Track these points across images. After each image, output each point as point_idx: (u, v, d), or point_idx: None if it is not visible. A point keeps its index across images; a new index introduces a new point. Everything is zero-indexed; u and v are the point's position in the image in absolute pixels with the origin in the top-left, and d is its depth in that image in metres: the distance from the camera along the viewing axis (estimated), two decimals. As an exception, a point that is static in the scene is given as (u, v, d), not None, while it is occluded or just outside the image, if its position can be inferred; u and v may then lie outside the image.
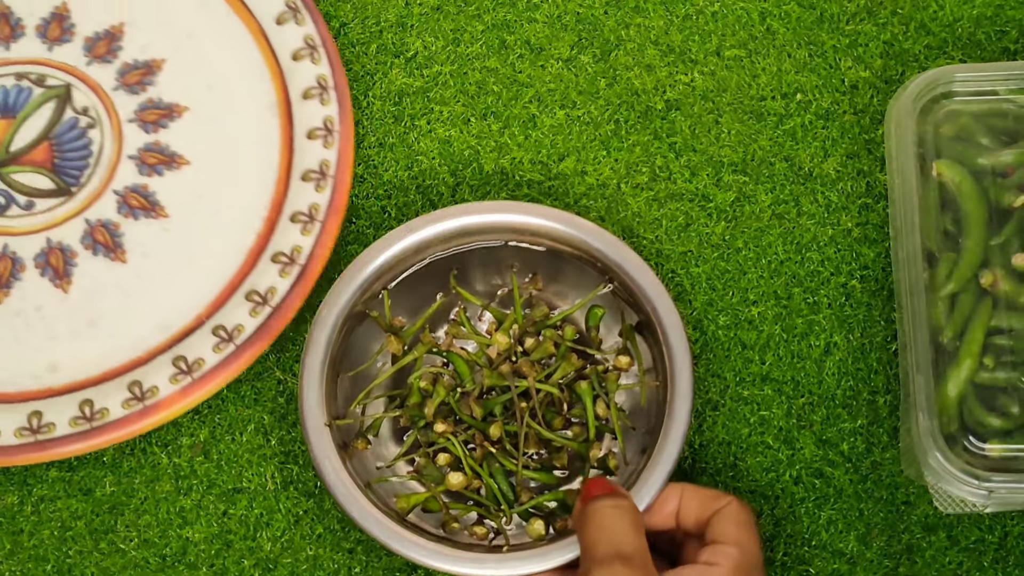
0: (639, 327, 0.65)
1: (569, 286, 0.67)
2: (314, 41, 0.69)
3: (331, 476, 0.61)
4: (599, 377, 0.64)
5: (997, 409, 0.62)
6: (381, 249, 0.64)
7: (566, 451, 0.64)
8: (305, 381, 0.62)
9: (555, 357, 0.65)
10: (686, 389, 0.61)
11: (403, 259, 0.64)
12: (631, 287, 0.63)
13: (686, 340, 0.62)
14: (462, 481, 0.63)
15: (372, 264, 0.63)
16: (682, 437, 0.60)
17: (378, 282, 0.64)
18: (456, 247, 0.65)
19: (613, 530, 0.56)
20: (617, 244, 0.63)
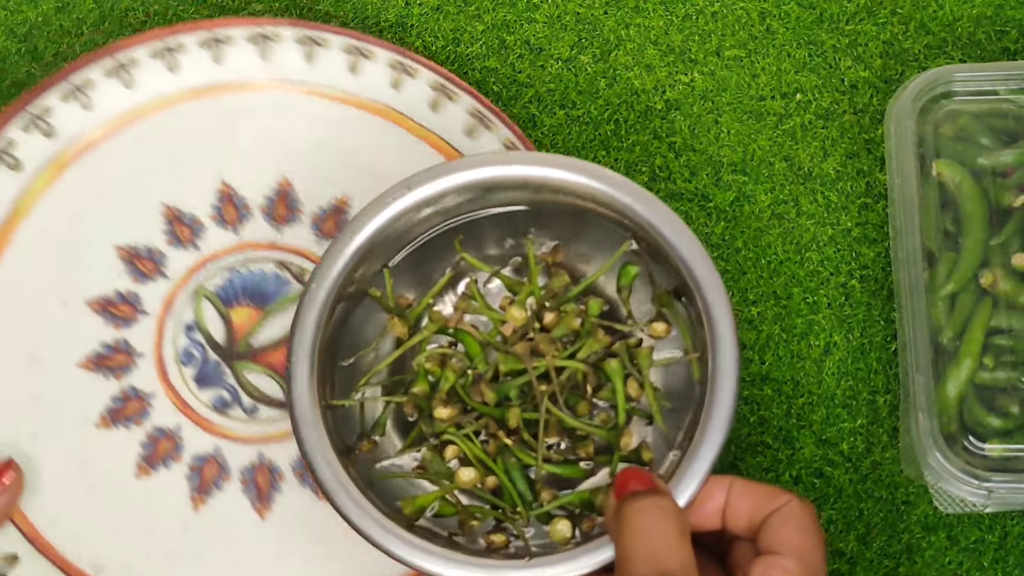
0: (676, 293, 0.58)
1: (592, 247, 0.60)
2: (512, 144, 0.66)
3: (326, 473, 0.54)
4: (629, 353, 0.57)
5: (997, 409, 0.62)
6: (375, 210, 0.56)
7: (592, 440, 0.57)
8: (294, 368, 0.55)
9: (579, 334, 0.58)
10: (730, 362, 0.53)
11: (403, 225, 0.57)
12: (665, 248, 0.55)
13: (729, 307, 0.54)
14: (474, 477, 0.56)
15: (365, 230, 0.56)
16: (728, 420, 0.52)
17: (374, 253, 0.57)
18: (467, 214, 0.58)
19: (654, 539, 0.48)
20: (650, 199, 0.55)
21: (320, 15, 0.72)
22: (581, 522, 0.56)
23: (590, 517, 0.56)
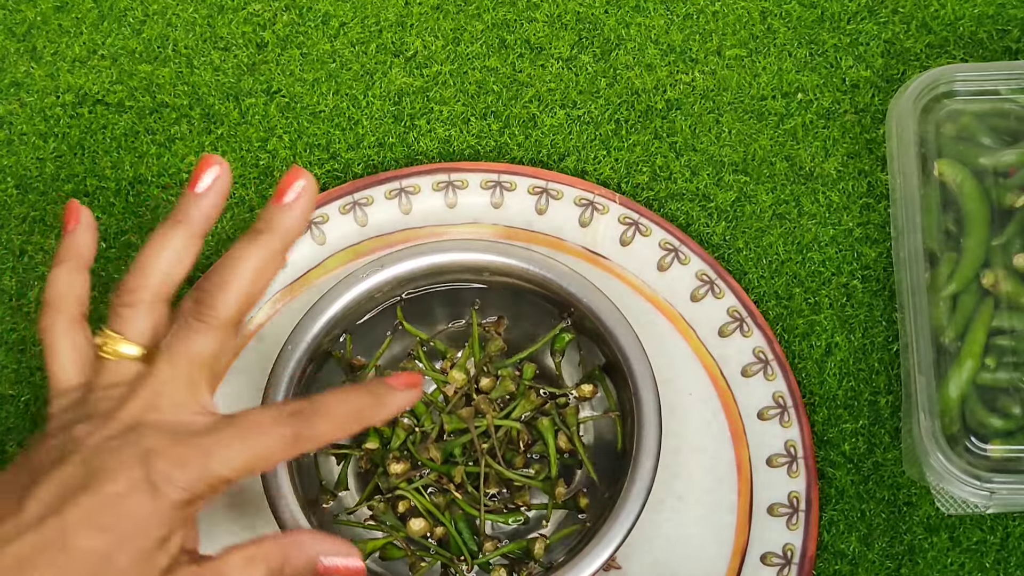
0: (607, 368, 0.63)
1: (531, 322, 0.65)
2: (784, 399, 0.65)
3: (288, 520, 0.58)
4: (559, 412, 0.63)
5: (999, 410, 0.61)
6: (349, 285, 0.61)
7: (528, 490, 0.63)
8: None
9: (514, 395, 0.63)
10: (652, 441, 0.58)
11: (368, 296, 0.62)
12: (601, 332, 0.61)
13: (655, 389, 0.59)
14: (423, 527, 0.61)
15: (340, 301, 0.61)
16: (645, 492, 0.58)
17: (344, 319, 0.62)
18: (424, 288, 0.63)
19: None
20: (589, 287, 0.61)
21: (321, 14, 0.72)
22: (520, 569, 0.61)
23: (527, 564, 0.61)
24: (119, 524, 0.46)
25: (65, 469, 0.47)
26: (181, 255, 0.51)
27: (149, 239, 0.52)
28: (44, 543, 0.46)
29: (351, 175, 0.70)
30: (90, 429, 0.48)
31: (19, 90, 0.72)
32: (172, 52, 0.72)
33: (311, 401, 0.50)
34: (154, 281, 0.51)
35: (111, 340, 0.51)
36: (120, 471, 0.47)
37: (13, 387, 0.68)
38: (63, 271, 0.53)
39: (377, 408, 0.51)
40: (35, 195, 0.71)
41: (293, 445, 0.49)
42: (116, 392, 0.50)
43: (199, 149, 0.71)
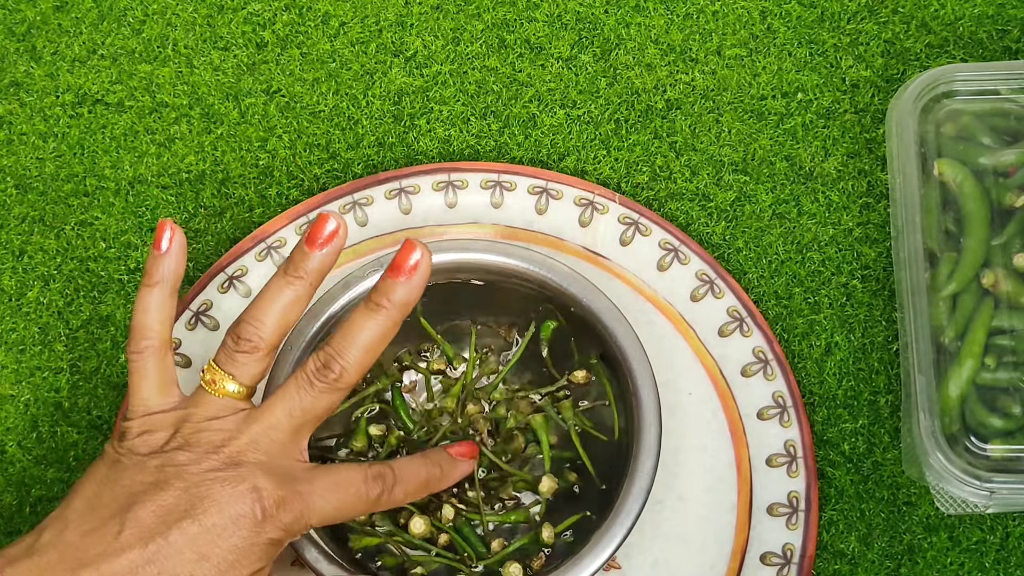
0: (603, 359, 0.63)
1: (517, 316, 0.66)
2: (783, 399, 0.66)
3: None
4: (556, 407, 0.63)
5: (999, 410, 0.61)
6: (349, 285, 0.62)
7: (510, 483, 0.63)
8: None
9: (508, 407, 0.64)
10: (652, 440, 0.58)
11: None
12: (601, 332, 0.61)
13: (654, 387, 0.60)
14: (424, 530, 0.61)
15: (339, 300, 0.61)
16: (645, 491, 0.58)
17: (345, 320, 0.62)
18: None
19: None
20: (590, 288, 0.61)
21: (321, 14, 0.72)
22: (531, 561, 0.61)
23: (538, 555, 0.61)
24: (221, 554, 0.49)
25: (165, 494, 0.49)
26: (295, 308, 0.54)
27: (265, 288, 0.54)
28: (142, 565, 0.48)
29: (351, 175, 0.70)
30: (193, 457, 0.51)
31: (19, 90, 0.72)
32: (172, 52, 0.72)
33: (391, 468, 0.54)
34: (269, 332, 0.54)
35: (220, 378, 0.53)
36: (227, 503, 0.49)
37: (13, 387, 0.68)
38: (156, 294, 0.56)
39: (442, 479, 0.56)
40: (35, 195, 0.71)
41: (374, 504, 0.53)
42: (219, 425, 0.52)
43: (199, 149, 0.71)
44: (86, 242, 0.70)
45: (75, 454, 0.67)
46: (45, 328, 0.69)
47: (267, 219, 0.70)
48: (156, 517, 0.49)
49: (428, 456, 0.57)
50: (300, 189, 0.70)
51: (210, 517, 0.49)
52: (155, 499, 0.49)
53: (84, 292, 0.69)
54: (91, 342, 0.69)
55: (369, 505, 0.53)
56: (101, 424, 0.68)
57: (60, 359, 0.69)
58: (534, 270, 0.62)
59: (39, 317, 0.69)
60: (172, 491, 0.49)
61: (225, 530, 0.49)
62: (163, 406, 0.54)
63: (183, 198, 0.70)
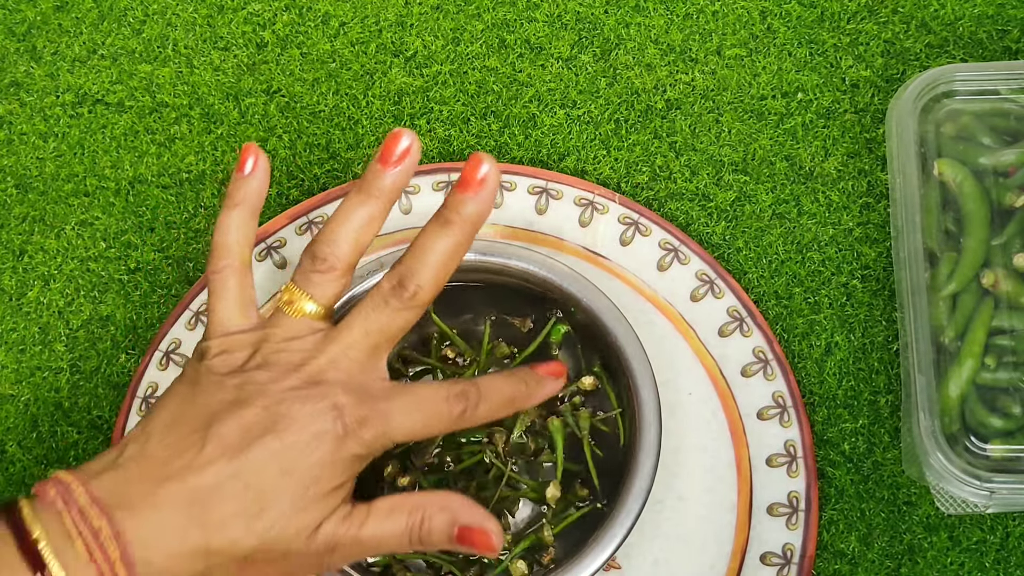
0: (605, 365, 0.64)
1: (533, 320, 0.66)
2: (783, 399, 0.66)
3: None
4: (573, 414, 0.63)
5: (999, 410, 0.61)
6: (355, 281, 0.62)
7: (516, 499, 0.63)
8: None
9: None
10: (652, 440, 0.59)
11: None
12: (601, 332, 0.61)
13: (654, 388, 0.60)
14: None
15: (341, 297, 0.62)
16: (645, 491, 0.58)
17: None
18: None
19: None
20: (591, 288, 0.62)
21: (321, 14, 0.72)
22: (540, 556, 0.61)
23: (546, 552, 0.61)
24: (304, 469, 0.49)
25: (247, 412, 0.49)
26: (370, 228, 0.54)
27: (340, 207, 0.54)
28: (227, 478, 0.48)
29: (351, 175, 0.70)
30: (273, 376, 0.51)
31: (19, 90, 0.72)
32: (172, 52, 0.72)
33: (475, 384, 0.53)
34: (345, 251, 0.53)
35: (298, 298, 0.53)
36: (308, 420, 0.49)
37: (13, 387, 0.68)
38: (236, 215, 0.55)
39: (528, 397, 0.54)
40: (35, 195, 0.71)
41: (456, 421, 0.52)
42: (298, 345, 0.52)
43: (199, 149, 0.71)
44: (86, 242, 0.70)
45: (75, 454, 0.67)
46: (45, 328, 0.69)
47: (267, 219, 0.70)
48: (238, 433, 0.49)
49: (514, 374, 0.55)
50: (300, 189, 0.70)
51: (292, 434, 0.49)
52: (236, 416, 0.49)
53: (84, 292, 0.70)
54: (91, 342, 0.69)
55: (451, 423, 0.52)
56: (101, 424, 0.68)
57: (60, 359, 0.69)
58: (534, 270, 0.62)
59: (39, 317, 0.69)
60: (253, 408, 0.50)
61: (308, 446, 0.49)
62: (242, 326, 0.54)
63: (183, 198, 0.70)
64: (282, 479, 0.49)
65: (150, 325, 0.69)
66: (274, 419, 0.49)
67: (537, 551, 0.61)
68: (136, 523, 0.47)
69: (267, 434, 0.49)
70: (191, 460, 0.49)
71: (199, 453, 0.49)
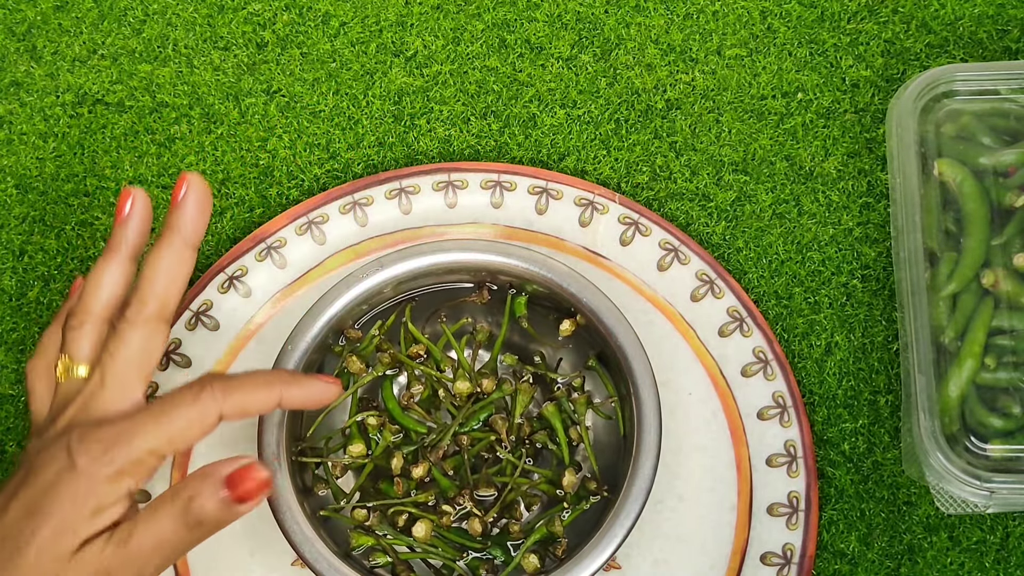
0: (602, 358, 0.64)
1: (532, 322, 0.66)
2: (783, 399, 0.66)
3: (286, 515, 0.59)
4: (570, 400, 0.63)
5: (998, 409, 0.61)
6: (349, 285, 0.62)
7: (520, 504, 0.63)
8: (265, 418, 0.60)
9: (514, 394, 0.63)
10: (652, 439, 0.59)
11: (374, 293, 0.63)
12: (603, 333, 0.61)
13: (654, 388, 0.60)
14: (425, 534, 0.61)
15: (340, 300, 0.62)
16: (645, 490, 0.58)
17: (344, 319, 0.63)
18: (426, 286, 0.65)
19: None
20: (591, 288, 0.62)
21: (321, 14, 0.72)
22: (555, 548, 0.61)
23: (558, 544, 0.61)
24: (45, 505, 0.51)
25: (13, 480, 0.53)
26: (116, 279, 0.56)
27: (91, 270, 0.56)
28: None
29: (351, 175, 0.70)
30: (38, 445, 0.54)
31: (19, 90, 0.72)
32: (172, 52, 0.72)
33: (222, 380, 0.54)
34: (95, 307, 0.56)
35: (63, 364, 0.56)
36: (48, 464, 0.52)
37: (13, 387, 0.68)
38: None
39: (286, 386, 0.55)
40: (35, 195, 0.71)
41: (214, 421, 0.53)
42: (65, 405, 0.55)
43: (199, 149, 0.71)
44: (86, 242, 0.70)
45: (75, 454, 0.67)
46: (45, 328, 0.69)
47: (267, 219, 0.70)
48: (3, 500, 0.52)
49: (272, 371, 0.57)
50: (300, 189, 0.70)
51: (38, 479, 0.51)
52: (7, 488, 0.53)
53: (84, 292, 0.69)
54: (91, 342, 0.69)
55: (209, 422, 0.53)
56: (101, 424, 0.68)
57: (60, 359, 0.69)
58: (534, 270, 0.62)
59: (39, 317, 0.69)
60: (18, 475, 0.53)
61: (47, 485, 0.51)
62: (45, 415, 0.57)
63: (183, 198, 0.70)
64: (34, 520, 0.51)
65: (150, 325, 0.69)
66: (27, 474, 0.52)
67: (549, 544, 0.61)
68: None
69: (20, 487, 0.52)
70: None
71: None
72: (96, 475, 0.51)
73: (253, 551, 0.64)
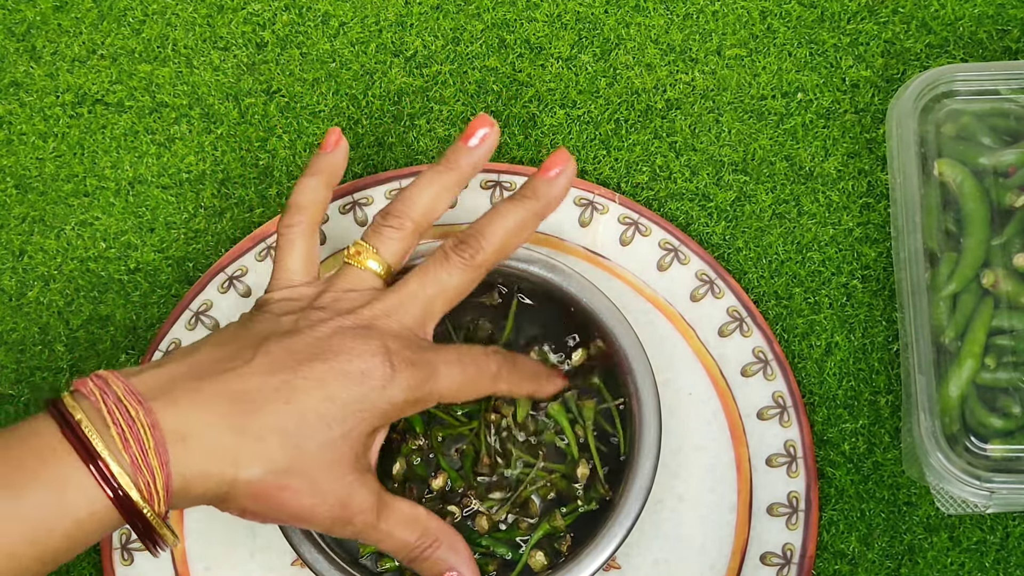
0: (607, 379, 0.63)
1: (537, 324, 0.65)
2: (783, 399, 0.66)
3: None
4: (578, 404, 0.63)
5: (999, 410, 0.61)
6: None
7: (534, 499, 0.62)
8: None
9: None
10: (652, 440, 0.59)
11: None
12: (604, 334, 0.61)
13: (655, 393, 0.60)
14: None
15: None
16: (645, 490, 0.58)
17: None
18: None
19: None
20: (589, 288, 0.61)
21: (320, 14, 0.72)
22: (560, 544, 0.61)
23: (563, 538, 0.61)
24: (346, 399, 0.50)
25: (297, 339, 0.51)
26: (444, 196, 0.57)
27: (418, 177, 0.57)
28: (271, 391, 0.49)
29: (351, 175, 0.70)
30: (325, 317, 0.52)
31: (19, 90, 0.72)
32: (172, 52, 0.72)
33: (509, 352, 0.57)
34: (418, 212, 0.56)
35: (364, 251, 0.55)
36: (357, 354, 0.51)
37: (13, 387, 0.68)
38: (313, 181, 0.58)
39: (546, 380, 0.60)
40: (35, 195, 0.71)
41: (493, 382, 0.55)
42: (355, 295, 0.54)
43: (199, 149, 0.71)
44: (86, 242, 0.70)
45: (75, 454, 0.67)
46: (45, 328, 0.69)
47: (267, 219, 0.70)
48: (287, 354, 0.50)
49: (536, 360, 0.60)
50: (300, 189, 0.70)
51: (340, 363, 0.50)
52: (286, 341, 0.51)
53: (84, 292, 0.69)
54: (91, 342, 0.69)
55: (491, 382, 0.55)
56: (101, 424, 0.67)
57: (60, 359, 0.69)
58: (534, 270, 0.62)
59: (39, 317, 0.69)
60: (304, 337, 0.51)
61: (354, 377, 0.50)
62: (304, 280, 0.56)
63: (183, 198, 0.70)
64: (323, 404, 0.49)
65: (150, 325, 0.69)
66: (323, 348, 0.51)
67: (554, 540, 0.61)
68: (174, 414, 0.48)
69: (315, 359, 0.50)
70: (238, 367, 0.50)
71: (246, 364, 0.50)
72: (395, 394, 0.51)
73: (253, 551, 0.64)
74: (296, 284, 0.56)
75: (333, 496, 0.50)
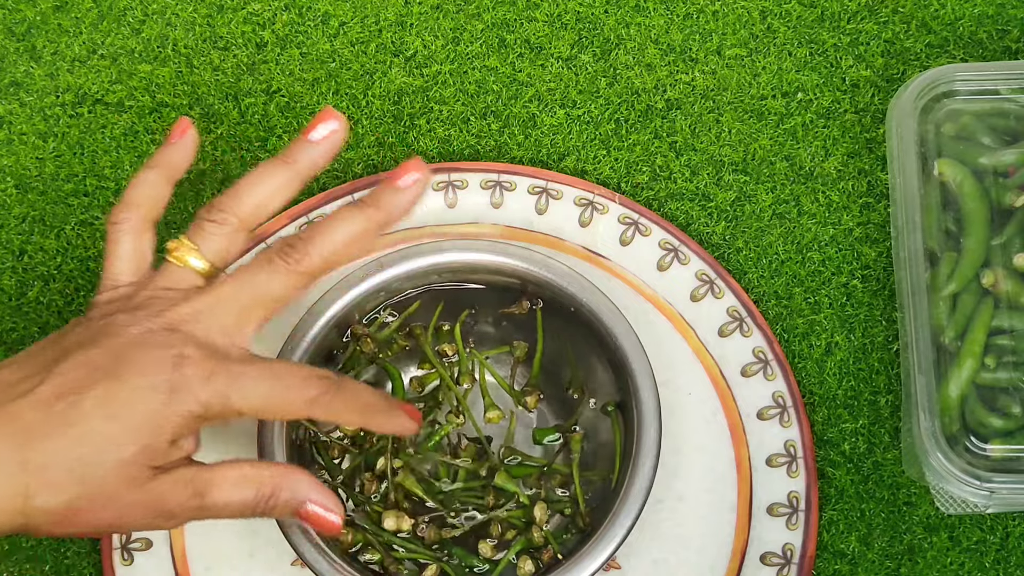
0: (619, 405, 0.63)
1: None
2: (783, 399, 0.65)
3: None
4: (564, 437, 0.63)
5: (998, 409, 0.61)
6: (348, 285, 0.62)
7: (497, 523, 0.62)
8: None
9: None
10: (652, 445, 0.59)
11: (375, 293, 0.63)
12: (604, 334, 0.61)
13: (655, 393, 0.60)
14: (395, 526, 0.61)
15: (339, 301, 0.62)
16: (645, 492, 0.58)
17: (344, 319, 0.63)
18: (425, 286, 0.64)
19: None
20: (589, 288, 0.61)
21: (320, 14, 0.72)
22: (542, 555, 0.61)
23: (546, 550, 0.61)
24: (131, 416, 0.48)
25: (93, 351, 0.49)
26: (278, 192, 0.53)
27: (252, 170, 0.53)
28: (57, 414, 0.47)
29: (351, 175, 0.70)
30: (131, 321, 0.50)
31: (19, 90, 0.72)
32: (172, 52, 0.72)
33: (340, 378, 0.52)
34: (245, 209, 0.53)
35: (184, 248, 0.52)
36: (146, 366, 0.48)
37: (13, 387, 0.68)
38: (152, 175, 0.55)
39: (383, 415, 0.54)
40: (35, 195, 0.71)
41: (308, 406, 0.51)
42: (170, 295, 0.51)
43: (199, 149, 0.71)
44: (86, 242, 0.70)
45: (75, 454, 0.67)
46: (45, 328, 0.69)
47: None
48: (84, 371, 0.48)
49: (380, 392, 0.56)
50: (300, 189, 0.70)
51: (130, 377, 0.48)
52: (83, 354, 0.49)
53: (84, 292, 0.69)
54: (91, 342, 0.69)
55: (303, 406, 0.51)
56: (101, 424, 0.67)
57: (60, 359, 0.69)
58: (534, 270, 0.62)
59: (39, 317, 0.69)
60: (100, 348, 0.49)
61: (141, 393, 0.48)
62: (131, 279, 0.53)
63: (183, 198, 0.70)
64: (108, 425, 0.47)
65: (150, 325, 0.69)
66: (117, 361, 0.48)
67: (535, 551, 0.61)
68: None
69: (108, 376, 0.48)
70: (26, 393, 0.48)
71: (33, 390, 0.48)
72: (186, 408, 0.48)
73: (253, 551, 0.64)
74: (121, 284, 0.53)
75: (139, 505, 0.49)
